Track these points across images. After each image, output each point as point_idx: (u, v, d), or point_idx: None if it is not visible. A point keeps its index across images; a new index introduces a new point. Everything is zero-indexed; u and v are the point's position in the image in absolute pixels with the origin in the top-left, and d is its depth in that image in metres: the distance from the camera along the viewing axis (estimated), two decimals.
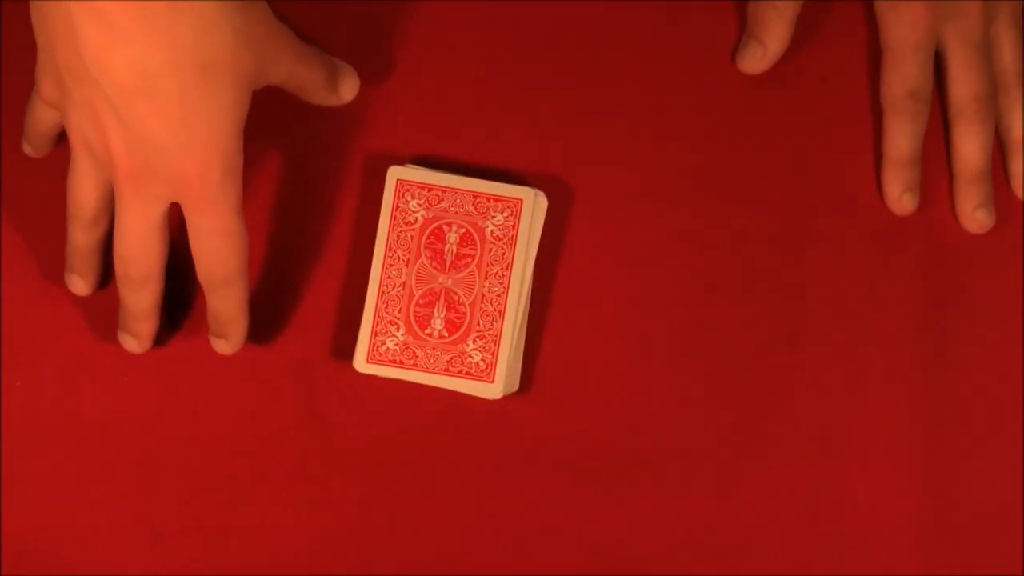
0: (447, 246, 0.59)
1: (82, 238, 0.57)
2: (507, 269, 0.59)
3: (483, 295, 0.59)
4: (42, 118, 0.58)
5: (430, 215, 0.59)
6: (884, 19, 0.62)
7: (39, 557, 0.59)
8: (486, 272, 0.59)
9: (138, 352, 0.59)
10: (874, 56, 0.62)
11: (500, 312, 0.58)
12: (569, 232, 0.61)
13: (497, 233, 0.59)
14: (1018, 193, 0.63)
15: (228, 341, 0.58)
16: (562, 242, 0.60)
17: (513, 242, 0.59)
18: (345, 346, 0.59)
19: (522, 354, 0.59)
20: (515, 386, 0.59)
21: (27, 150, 0.60)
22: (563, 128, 0.61)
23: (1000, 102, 0.63)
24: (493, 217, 0.59)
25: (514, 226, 0.59)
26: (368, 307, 0.58)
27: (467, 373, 0.58)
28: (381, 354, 0.58)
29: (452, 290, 0.59)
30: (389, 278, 0.59)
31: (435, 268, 0.59)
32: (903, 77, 0.61)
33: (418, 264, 0.59)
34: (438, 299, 0.59)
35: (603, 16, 0.62)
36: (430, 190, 0.59)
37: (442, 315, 0.58)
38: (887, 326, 0.61)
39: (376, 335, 0.58)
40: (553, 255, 0.60)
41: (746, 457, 0.60)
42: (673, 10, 0.62)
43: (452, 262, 0.59)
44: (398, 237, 0.59)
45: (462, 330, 0.58)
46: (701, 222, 0.61)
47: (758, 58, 0.62)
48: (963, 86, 0.62)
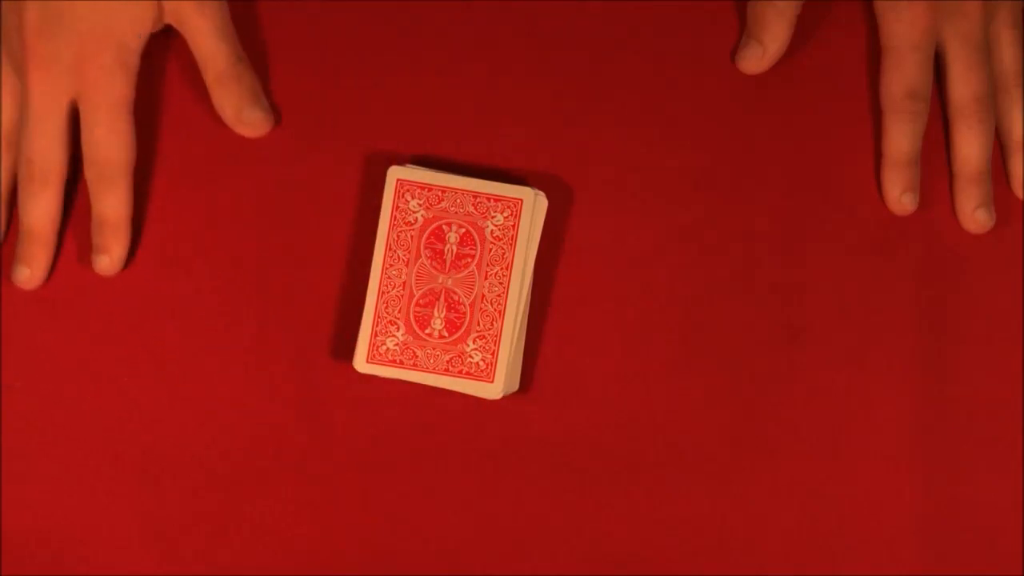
0: (447, 246, 0.59)
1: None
2: (507, 269, 0.59)
3: (483, 295, 0.59)
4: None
5: (430, 215, 0.59)
6: (884, 18, 0.62)
7: (39, 557, 0.59)
8: (486, 272, 0.59)
9: (32, 286, 0.59)
10: (874, 56, 0.62)
11: (500, 312, 0.58)
12: (569, 232, 0.61)
13: (497, 233, 0.59)
14: (1018, 193, 0.63)
15: (110, 256, 0.59)
16: (562, 242, 0.60)
17: (513, 242, 0.59)
18: (345, 346, 0.59)
19: (522, 354, 0.59)
20: (515, 386, 0.59)
21: None
22: (563, 128, 0.61)
23: (1000, 102, 0.63)
24: (493, 217, 0.59)
25: (514, 226, 0.59)
26: (368, 307, 0.58)
27: (467, 373, 0.58)
28: (381, 354, 0.58)
29: (452, 290, 0.59)
30: (389, 278, 0.59)
31: (435, 268, 0.59)
32: (903, 77, 0.61)
33: (418, 264, 0.59)
34: (438, 299, 0.59)
35: (603, 16, 0.62)
36: (430, 190, 0.59)
37: (442, 315, 0.58)
38: (887, 326, 0.61)
39: (376, 335, 0.58)
40: (553, 255, 0.60)
41: (746, 457, 0.60)
42: (673, 10, 0.62)
43: (452, 262, 0.59)
44: (398, 237, 0.59)
45: (462, 330, 0.58)
46: (701, 222, 0.61)
47: (758, 58, 0.62)
48: (963, 86, 0.62)
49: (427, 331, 0.58)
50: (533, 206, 0.59)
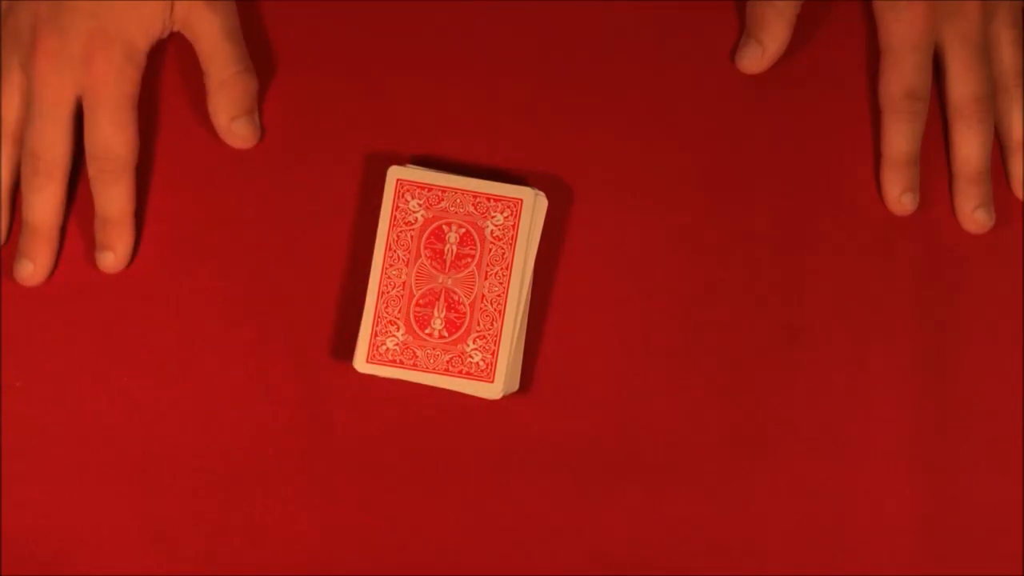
0: (447, 246, 0.59)
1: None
2: (507, 269, 0.59)
3: (483, 295, 0.59)
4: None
5: (430, 215, 0.59)
6: (882, 18, 0.62)
7: (39, 557, 0.59)
8: (486, 272, 0.59)
9: (35, 282, 0.59)
10: (873, 56, 0.62)
11: (500, 312, 0.58)
12: (569, 232, 0.61)
13: (497, 233, 0.59)
14: (1018, 193, 0.63)
15: (114, 253, 0.59)
16: (562, 242, 0.60)
17: (513, 242, 0.59)
18: (345, 346, 0.59)
19: (522, 354, 0.59)
20: (515, 386, 0.59)
21: None
22: (563, 128, 0.61)
23: (999, 102, 0.63)
24: (493, 217, 0.59)
25: (514, 226, 0.59)
26: (368, 307, 0.58)
27: (467, 373, 0.58)
28: (381, 354, 0.58)
29: (452, 290, 0.59)
30: (389, 278, 0.59)
31: (435, 268, 0.59)
32: (902, 76, 0.61)
33: (418, 264, 0.59)
34: (438, 299, 0.59)
35: (603, 16, 0.62)
36: (430, 190, 0.59)
37: (442, 315, 0.58)
38: (887, 326, 0.61)
39: (376, 335, 0.58)
40: (553, 255, 0.60)
41: (746, 457, 0.60)
42: (673, 10, 0.62)
43: (452, 262, 0.59)
44: (398, 237, 0.59)
45: (462, 330, 0.58)
46: (701, 222, 0.61)
47: (757, 58, 0.62)
48: (962, 86, 0.62)
49: (427, 331, 0.58)
50: (533, 206, 0.59)
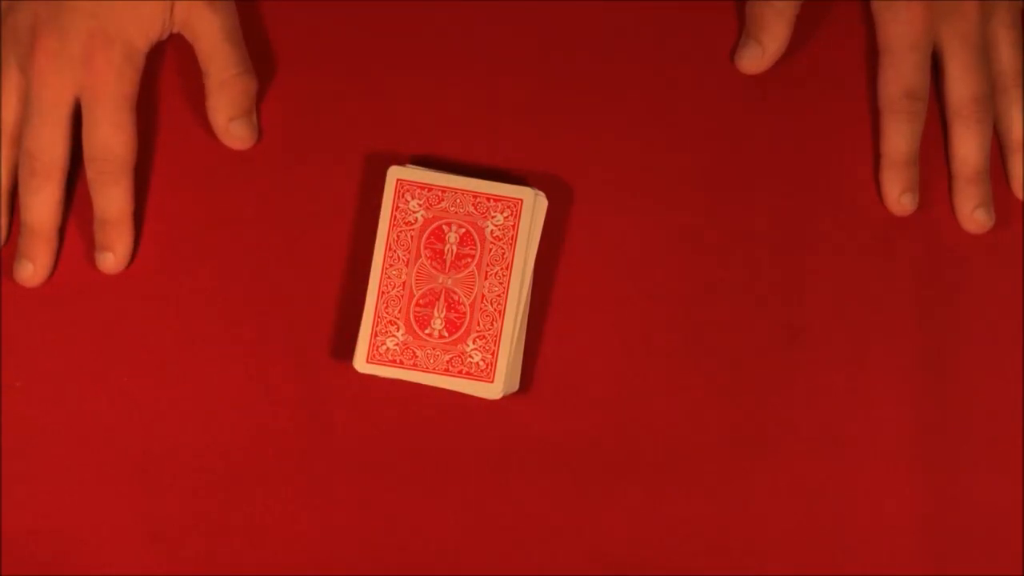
0: (447, 246, 0.59)
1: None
2: (507, 269, 0.59)
3: (483, 295, 0.59)
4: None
5: (430, 215, 0.59)
6: (881, 18, 0.62)
7: (39, 557, 0.59)
8: (486, 272, 0.59)
9: (35, 283, 0.59)
10: (873, 56, 0.63)
11: (500, 312, 0.58)
12: (569, 232, 0.61)
13: (497, 233, 0.59)
14: (1018, 193, 0.63)
15: (114, 254, 0.59)
16: (562, 242, 0.60)
17: (513, 242, 0.59)
18: (345, 346, 0.59)
19: (522, 354, 0.59)
20: (515, 386, 0.59)
21: None
22: (563, 128, 0.61)
23: (998, 102, 0.63)
24: (493, 217, 0.59)
25: (514, 226, 0.59)
26: (368, 307, 0.58)
27: (467, 373, 0.58)
28: (381, 354, 0.58)
29: (452, 290, 0.59)
30: (389, 278, 0.59)
31: (435, 268, 0.59)
32: (900, 77, 0.61)
33: (418, 264, 0.59)
34: (438, 299, 0.59)
35: (603, 16, 0.62)
36: (430, 190, 0.59)
37: (442, 315, 0.58)
38: (887, 326, 0.61)
39: (376, 335, 0.58)
40: (553, 255, 0.60)
41: (746, 457, 0.60)
42: (673, 10, 0.62)
43: (452, 262, 0.59)
44: (398, 237, 0.59)
45: (462, 330, 0.58)
46: (701, 222, 0.61)
47: (757, 58, 0.62)
48: (961, 86, 0.62)
49: (427, 331, 0.58)
50: (533, 206, 0.59)
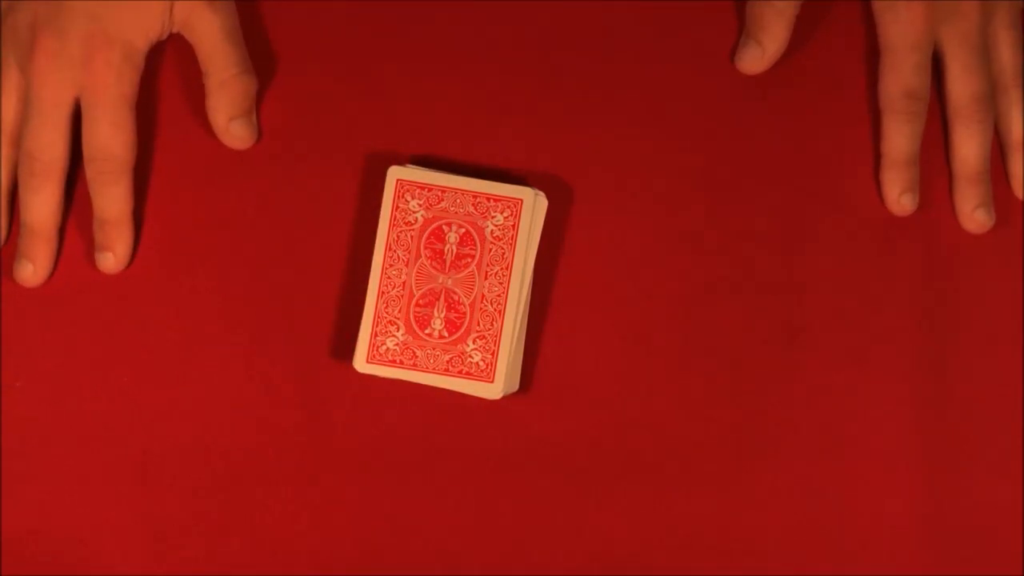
0: (447, 246, 0.59)
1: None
2: (507, 269, 0.59)
3: (483, 295, 0.59)
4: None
5: (430, 215, 0.59)
6: (881, 19, 0.62)
7: (39, 557, 0.59)
8: (486, 272, 0.59)
9: (34, 283, 0.59)
10: (873, 56, 0.63)
11: (500, 312, 0.58)
12: (569, 232, 0.61)
13: (497, 233, 0.59)
14: (1018, 193, 0.63)
15: (114, 254, 0.59)
16: (562, 242, 0.60)
17: (513, 242, 0.59)
18: (345, 346, 0.59)
19: (522, 354, 0.59)
20: (515, 386, 0.59)
21: None
22: (563, 128, 0.61)
23: (999, 102, 0.63)
24: (493, 217, 0.59)
25: (514, 226, 0.59)
26: (368, 307, 0.58)
27: (467, 373, 0.58)
28: (381, 354, 0.58)
29: (452, 290, 0.59)
30: (389, 278, 0.59)
31: (435, 268, 0.59)
32: (901, 77, 0.61)
33: (418, 264, 0.59)
34: (438, 299, 0.59)
35: (603, 16, 0.62)
36: (430, 190, 0.59)
37: (442, 315, 0.58)
38: (887, 326, 0.61)
39: (376, 335, 0.58)
40: (553, 255, 0.60)
41: (746, 457, 0.60)
42: (673, 10, 0.62)
43: (452, 262, 0.59)
44: (398, 237, 0.59)
45: (462, 330, 0.58)
46: (701, 222, 0.61)
47: (757, 58, 0.62)
48: (961, 86, 0.62)
49: (427, 331, 0.58)
50: (533, 206, 0.59)
